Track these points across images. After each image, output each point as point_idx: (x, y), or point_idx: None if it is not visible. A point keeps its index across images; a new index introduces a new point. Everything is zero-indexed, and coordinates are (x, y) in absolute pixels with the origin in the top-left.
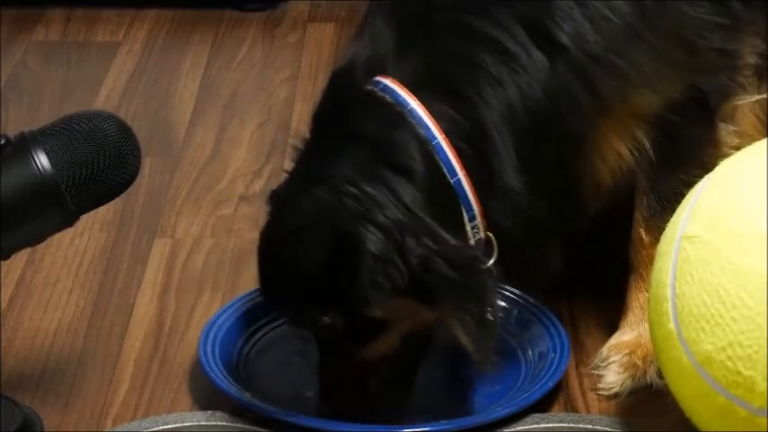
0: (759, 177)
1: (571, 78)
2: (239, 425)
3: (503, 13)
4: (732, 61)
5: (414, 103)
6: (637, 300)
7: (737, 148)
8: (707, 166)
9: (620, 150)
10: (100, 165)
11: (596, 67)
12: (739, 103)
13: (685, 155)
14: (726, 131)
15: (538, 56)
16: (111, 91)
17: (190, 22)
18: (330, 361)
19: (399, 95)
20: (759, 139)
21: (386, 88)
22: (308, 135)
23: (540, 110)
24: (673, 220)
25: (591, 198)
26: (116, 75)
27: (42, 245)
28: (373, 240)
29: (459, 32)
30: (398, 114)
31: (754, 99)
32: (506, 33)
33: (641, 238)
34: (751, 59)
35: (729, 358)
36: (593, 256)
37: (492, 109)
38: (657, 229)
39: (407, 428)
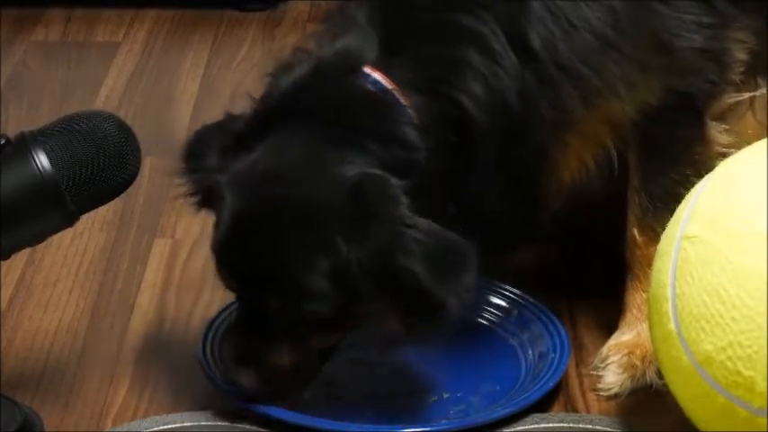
0: (759, 177)
1: (538, 88)
2: (239, 425)
3: (486, 14)
4: (718, 60)
5: (403, 101)
6: (634, 300)
7: (731, 147)
8: (698, 165)
9: (584, 158)
10: (100, 165)
11: (563, 77)
12: (731, 101)
13: (675, 155)
14: (717, 130)
15: (514, 59)
16: (111, 91)
17: (190, 22)
18: (271, 335)
19: (391, 92)
20: (757, 140)
21: (377, 83)
22: (262, 114)
23: (514, 113)
24: (673, 220)
25: (552, 197)
26: (116, 75)
27: (42, 245)
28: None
29: (447, 30)
30: (398, 112)
31: (745, 96)
32: (491, 32)
33: (635, 238)
34: (741, 56)
35: (729, 358)
36: (592, 256)
37: (478, 107)
38: (651, 228)
39: (407, 428)
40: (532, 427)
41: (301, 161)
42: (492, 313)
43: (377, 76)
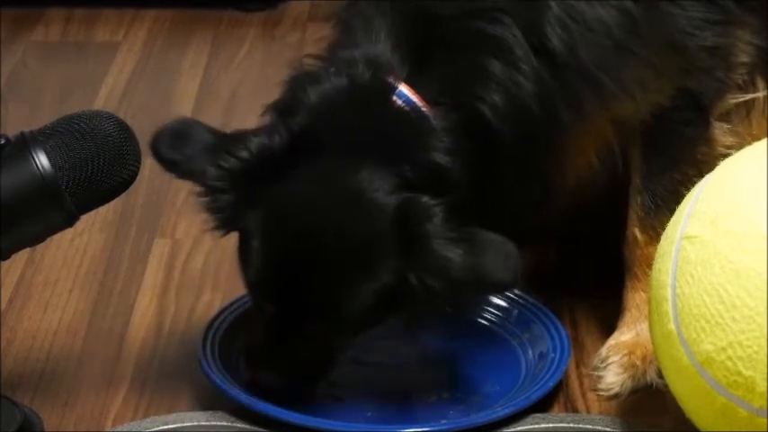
0: (759, 178)
1: (556, 91)
2: (239, 425)
3: (507, 18)
4: (725, 58)
5: (432, 119)
6: (633, 299)
7: (733, 147)
8: (701, 165)
9: (589, 156)
10: (100, 165)
11: (581, 80)
12: (735, 101)
13: (679, 154)
14: (720, 130)
15: (536, 64)
16: (111, 91)
17: (190, 22)
18: (294, 340)
19: (425, 114)
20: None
21: (411, 104)
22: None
23: (534, 118)
24: (673, 220)
25: (556, 196)
26: (116, 75)
27: (42, 245)
28: None
29: (470, 39)
30: (434, 136)
31: (749, 98)
32: (513, 37)
33: (636, 238)
34: (744, 57)
35: (729, 358)
36: (592, 256)
37: (500, 118)
38: (652, 228)
39: (407, 428)
40: (532, 427)
41: (342, 190)
42: (492, 313)
43: (410, 95)
